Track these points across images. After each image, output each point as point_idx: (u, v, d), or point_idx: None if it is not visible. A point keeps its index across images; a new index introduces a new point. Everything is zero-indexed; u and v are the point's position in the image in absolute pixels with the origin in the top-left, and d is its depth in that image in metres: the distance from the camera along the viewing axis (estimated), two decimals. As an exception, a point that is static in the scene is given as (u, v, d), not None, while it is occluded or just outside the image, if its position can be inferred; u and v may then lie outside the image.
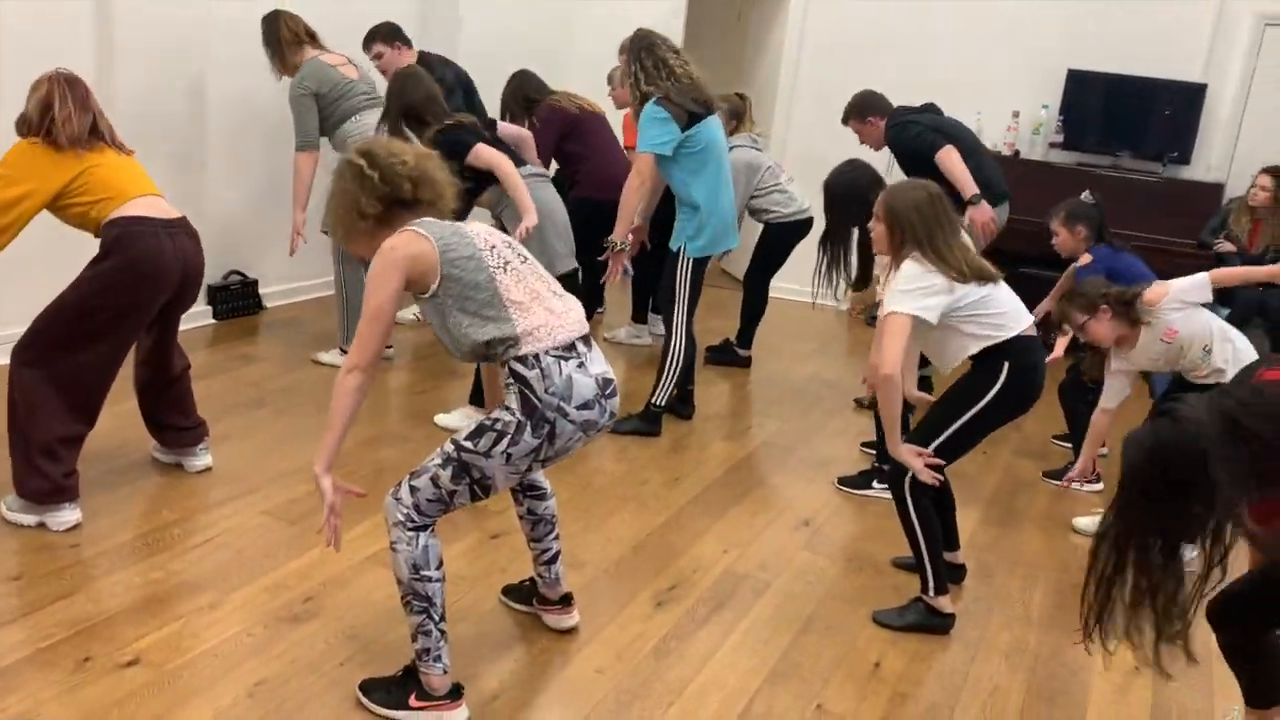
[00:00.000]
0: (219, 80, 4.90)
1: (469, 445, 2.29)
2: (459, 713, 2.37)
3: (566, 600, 2.82)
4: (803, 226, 5.31)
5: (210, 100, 4.94)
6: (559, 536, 2.77)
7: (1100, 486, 4.21)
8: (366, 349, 2.28)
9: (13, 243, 2.98)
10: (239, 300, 5.36)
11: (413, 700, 2.36)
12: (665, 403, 4.40)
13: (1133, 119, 6.27)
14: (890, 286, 2.89)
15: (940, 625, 3.00)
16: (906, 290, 2.82)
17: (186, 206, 4.64)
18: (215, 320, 5.22)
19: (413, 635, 2.34)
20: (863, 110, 5.03)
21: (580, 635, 2.81)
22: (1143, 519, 1.89)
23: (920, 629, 2.99)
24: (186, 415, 3.47)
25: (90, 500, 3.18)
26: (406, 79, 4.18)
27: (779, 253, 5.44)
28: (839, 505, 3.87)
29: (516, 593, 2.91)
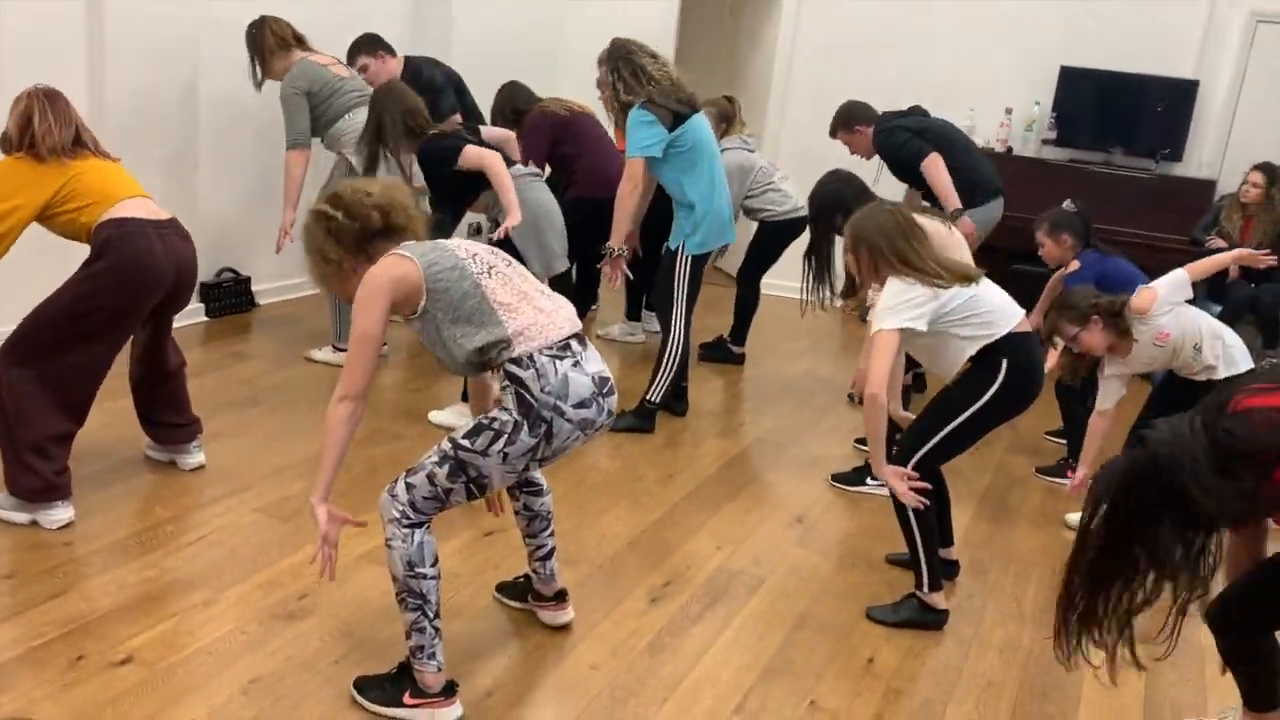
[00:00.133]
0: (211, 79, 4.89)
1: (466, 444, 2.29)
2: (453, 710, 2.37)
3: (561, 596, 2.82)
4: (797, 225, 5.31)
5: (203, 99, 4.93)
6: (554, 533, 2.77)
7: (1093, 482, 4.22)
8: (355, 377, 2.28)
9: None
10: (231, 298, 5.35)
11: (407, 698, 2.36)
12: (660, 399, 4.40)
13: (1125, 116, 6.28)
14: (877, 304, 2.92)
15: (934, 621, 3.01)
16: (892, 307, 2.85)
17: (179, 204, 4.65)
18: (208, 318, 5.21)
19: (407, 632, 2.34)
20: (849, 120, 5.05)
21: (574, 632, 2.81)
22: (1116, 541, 1.97)
23: (914, 625, 2.99)
24: (180, 412, 3.46)
25: (83, 498, 3.17)
26: (385, 97, 4.16)
27: (773, 251, 5.46)
28: (832, 502, 3.88)
29: (511, 589, 2.92)
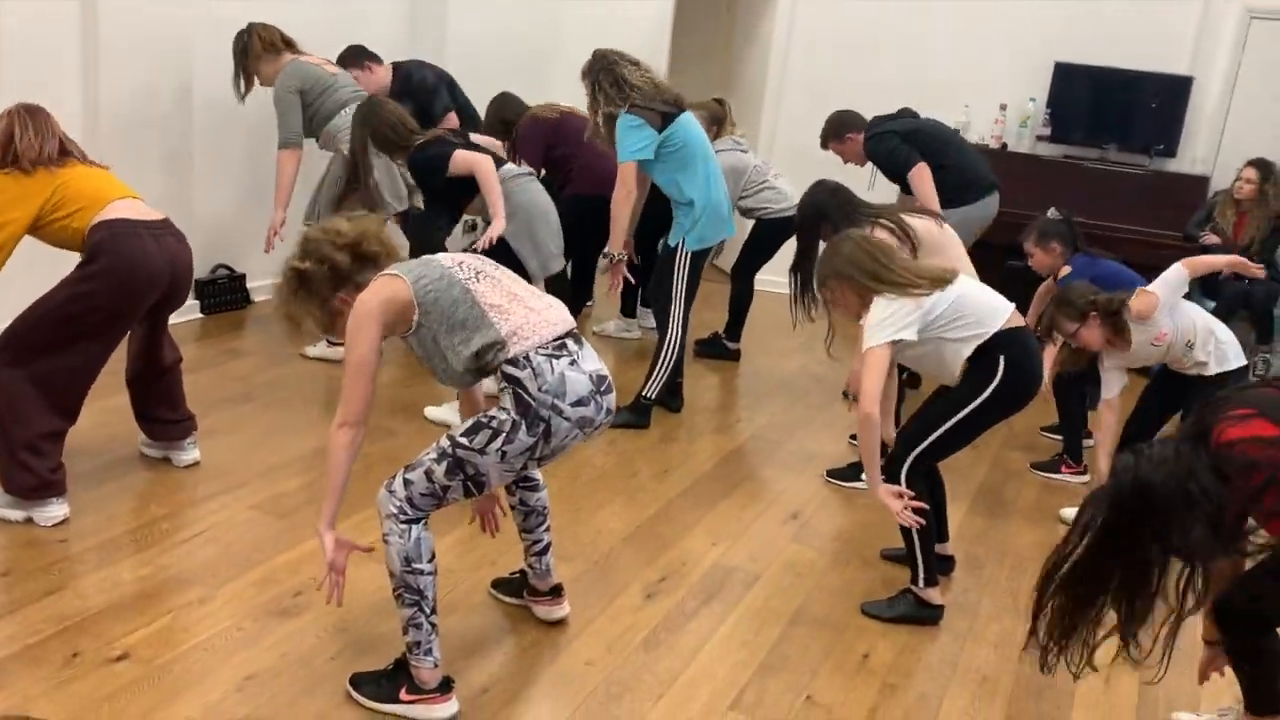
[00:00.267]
0: (206, 77, 4.88)
1: (465, 441, 2.29)
2: (449, 706, 2.37)
3: (557, 591, 2.82)
4: (793, 222, 5.31)
5: (198, 96, 4.91)
6: (550, 528, 2.77)
7: (1087, 478, 4.23)
8: (353, 404, 2.29)
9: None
10: (226, 294, 5.34)
11: (403, 694, 2.36)
12: (656, 395, 4.40)
13: (1119, 112, 6.29)
14: (865, 320, 2.97)
15: (929, 616, 3.01)
16: (879, 323, 2.90)
17: (174, 202, 4.66)
18: (202, 314, 5.20)
19: (404, 628, 2.34)
20: (839, 129, 5.05)
21: (570, 628, 2.81)
22: (1098, 563, 2.03)
23: (909, 620, 3.00)
24: (175, 408, 3.46)
25: (78, 495, 3.16)
26: (366, 114, 4.18)
27: (768, 247, 5.46)
28: (827, 498, 3.89)
29: (506, 585, 2.92)
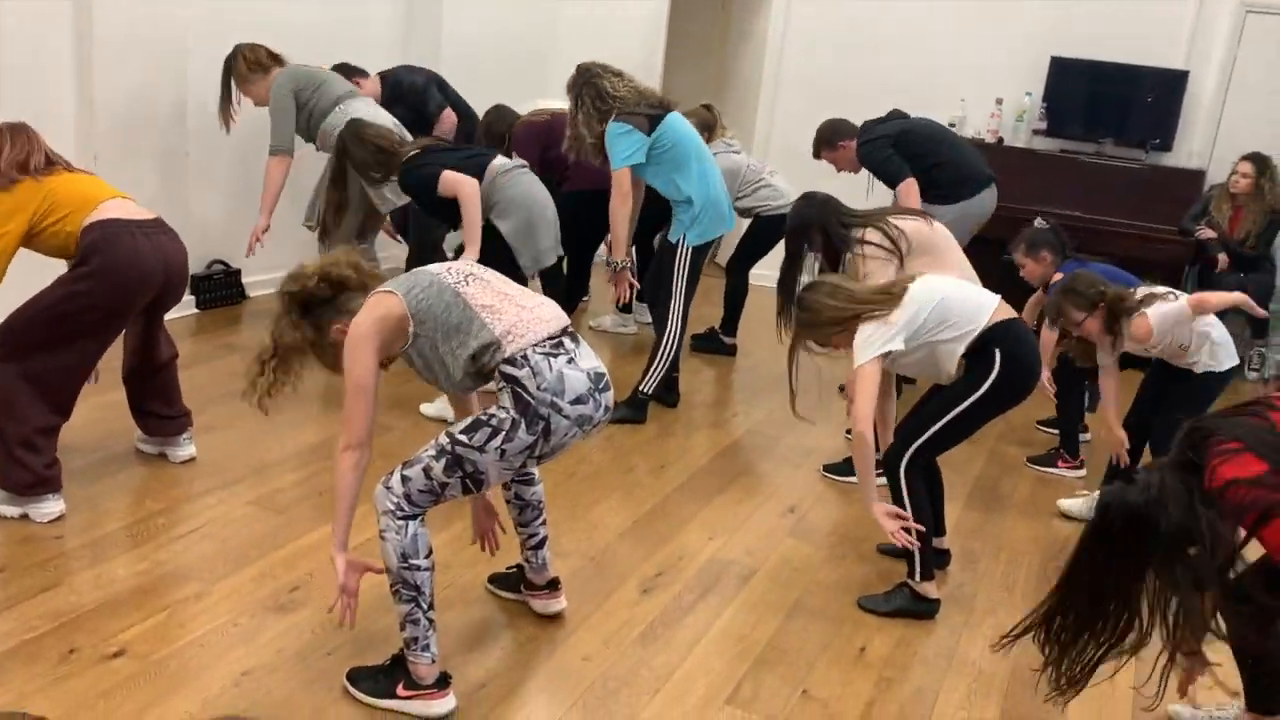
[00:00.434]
0: (200, 73, 4.86)
1: (464, 439, 2.29)
2: (446, 701, 2.37)
3: (554, 585, 2.83)
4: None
5: (192, 92, 4.89)
6: (546, 521, 2.77)
7: (1083, 472, 4.24)
8: (357, 426, 2.29)
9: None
10: (222, 290, 5.33)
11: (400, 689, 2.36)
12: (653, 390, 4.40)
13: (1115, 106, 6.28)
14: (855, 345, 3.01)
15: (926, 610, 3.02)
16: (864, 341, 2.95)
17: (170, 198, 4.66)
18: (198, 310, 5.19)
19: (401, 624, 2.34)
20: (831, 138, 5.03)
21: (567, 623, 2.82)
22: (1099, 584, 2.05)
23: (906, 614, 3.01)
24: (170, 404, 3.46)
25: (73, 491, 3.16)
26: (349, 140, 4.20)
27: (765, 244, 5.47)
28: (824, 492, 3.89)
29: (503, 580, 2.92)
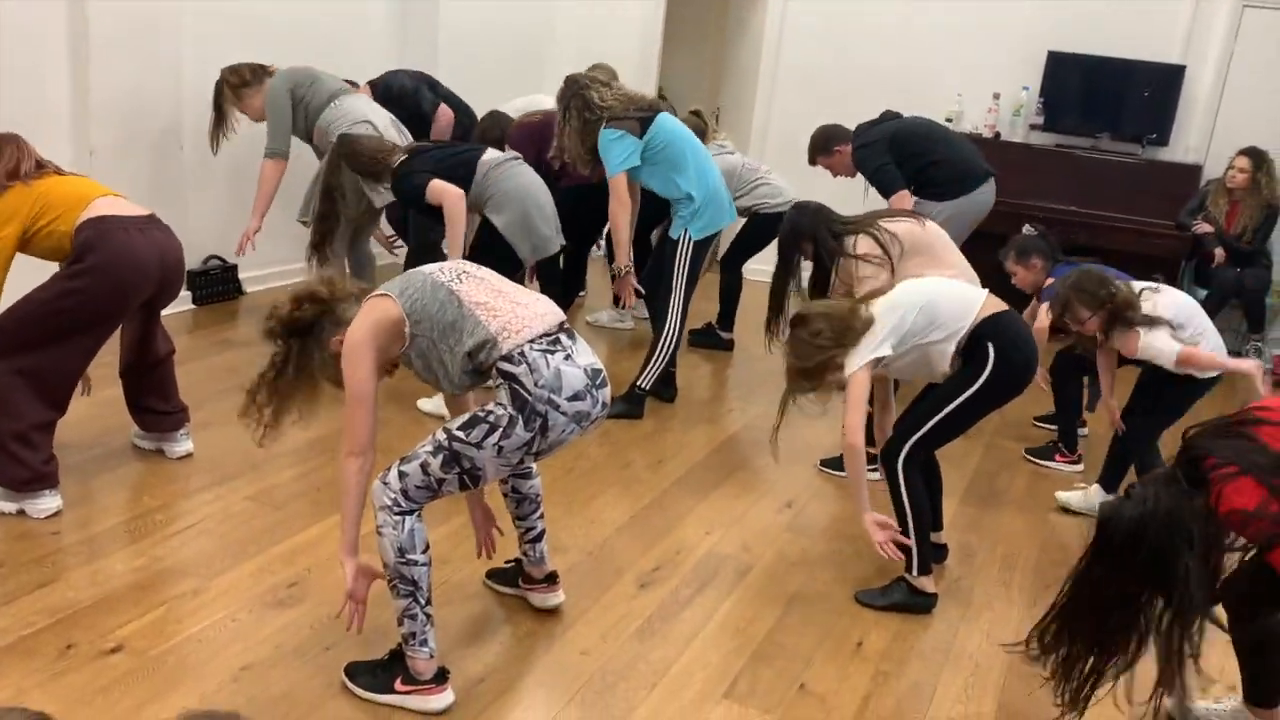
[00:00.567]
0: (197, 67, 4.86)
1: (461, 435, 2.29)
2: (444, 696, 2.37)
3: (552, 578, 2.83)
4: None
5: (188, 86, 4.89)
6: (543, 515, 2.78)
7: (1081, 467, 4.25)
8: (358, 434, 2.30)
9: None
10: (218, 285, 5.33)
11: (398, 684, 2.36)
12: (651, 386, 4.40)
13: (1112, 101, 6.29)
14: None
15: (922, 605, 3.03)
16: (857, 351, 2.96)
17: (166, 193, 4.66)
18: (195, 306, 5.19)
19: (399, 619, 2.34)
20: (826, 143, 5.02)
21: (564, 617, 2.82)
22: (1101, 595, 2.05)
23: (902, 608, 3.01)
24: (167, 400, 3.45)
25: (70, 487, 3.16)
26: (341, 154, 4.20)
27: (761, 240, 5.45)
28: (821, 486, 3.90)
29: (501, 575, 2.92)
